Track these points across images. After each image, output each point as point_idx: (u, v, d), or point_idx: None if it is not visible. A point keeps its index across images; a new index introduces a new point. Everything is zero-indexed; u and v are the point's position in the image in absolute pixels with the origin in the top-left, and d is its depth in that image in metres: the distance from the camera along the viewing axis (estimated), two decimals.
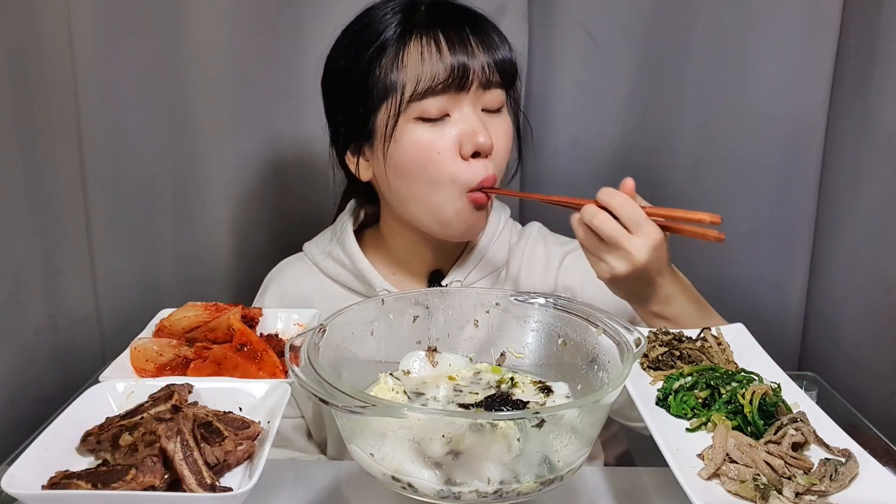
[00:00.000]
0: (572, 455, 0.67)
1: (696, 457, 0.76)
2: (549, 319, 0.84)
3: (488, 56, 1.00)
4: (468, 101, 1.00)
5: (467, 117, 1.00)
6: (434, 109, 0.99)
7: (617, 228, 0.92)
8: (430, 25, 1.00)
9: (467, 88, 0.99)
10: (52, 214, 1.22)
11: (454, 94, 0.99)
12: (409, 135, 1.00)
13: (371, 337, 0.83)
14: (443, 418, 0.66)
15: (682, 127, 1.34)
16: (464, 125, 1.00)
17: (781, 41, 1.26)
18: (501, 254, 1.16)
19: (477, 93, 1.00)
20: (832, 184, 1.30)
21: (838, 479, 0.71)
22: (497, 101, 1.03)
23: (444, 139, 1.00)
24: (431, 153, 1.00)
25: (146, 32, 1.23)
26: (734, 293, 1.38)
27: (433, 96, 0.98)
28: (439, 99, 0.99)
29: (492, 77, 1.00)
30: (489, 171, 1.01)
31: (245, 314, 0.97)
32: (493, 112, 1.03)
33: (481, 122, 1.00)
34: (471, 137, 0.99)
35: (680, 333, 0.97)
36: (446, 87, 0.98)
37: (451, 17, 1.02)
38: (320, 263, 1.15)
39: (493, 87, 1.01)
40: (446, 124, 1.00)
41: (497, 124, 1.03)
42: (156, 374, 0.87)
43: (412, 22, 1.01)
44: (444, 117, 1.00)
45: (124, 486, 0.67)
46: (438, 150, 1.00)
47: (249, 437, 0.76)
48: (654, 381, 0.90)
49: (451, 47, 0.98)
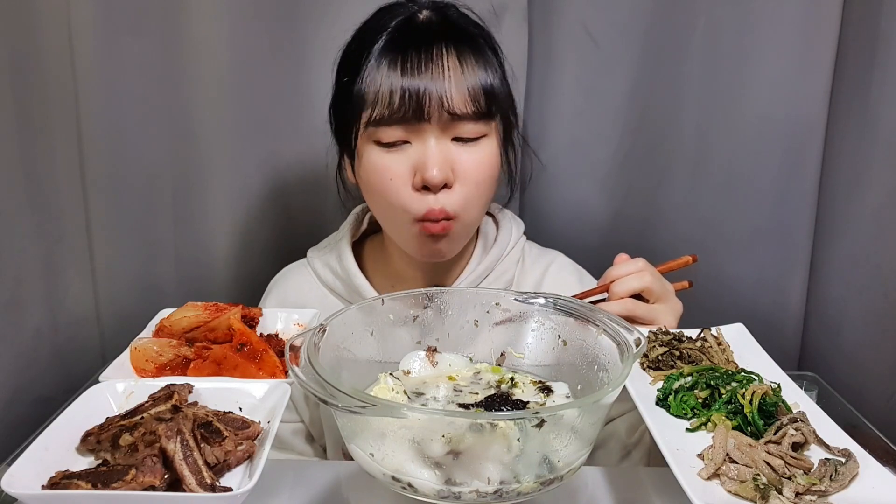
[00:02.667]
0: (572, 455, 0.67)
1: (696, 457, 0.76)
2: (549, 319, 0.84)
3: (460, 84, 0.95)
4: (433, 131, 0.96)
5: (426, 148, 0.96)
6: (390, 137, 0.97)
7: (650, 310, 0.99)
8: (405, 45, 0.96)
9: (426, 119, 0.95)
10: (52, 214, 1.22)
11: (414, 123, 0.95)
12: (367, 156, 0.99)
13: (371, 337, 0.83)
14: (443, 418, 0.66)
15: (682, 127, 1.34)
16: (419, 156, 0.96)
17: (781, 41, 1.26)
18: (507, 274, 1.14)
19: (447, 123, 0.96)
20: (832, 184, 1.30)
21: (838, 480, 0.71)
22: (472, 132, 0.98)
23: (397, 166, 0.97)
24: (384, 179, 0.98)
25: (146, 32, 1.23)
26: (734, 293, 1.38)
27: (388, 125, 0.96)
28: (396, 128, 0.96)
29: (461, 108, 0.96)
30: (438, 204, 0.97)
31: (245, 314, 0.97)
32: (467, 141, 0.98)
33: (441, 154, 0.96)
34: (420, 170, 0.96)
35: (680, 333, 0.98)
36: (402, 117, 0.95)
37: (432, 36, 0.97)
38: (319, 272, 1.15)
39: (466, 119, 0.97)
40: (403, 151, 0.98)
41: (469, 155, 0.98)
42: (156, 374, 0.87)
43: (393, 38, 0.97)
44: (402, 143, 0.97)
45: (124, 486, 0.67)
46: (391, 177, 0.98)
47: (249, 437, 0.76)
48: (655, 381, 0.90)
49: (412, 73, 0.94)
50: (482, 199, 1.03)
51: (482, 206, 1.04)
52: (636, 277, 0.98)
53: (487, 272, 1.12)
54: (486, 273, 1.12)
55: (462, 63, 0.97)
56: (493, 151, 1.02)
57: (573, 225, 1.40)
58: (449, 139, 0.98)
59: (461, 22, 1.03)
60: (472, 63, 0.98)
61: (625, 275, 0.98)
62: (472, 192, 1.00)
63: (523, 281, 1.15)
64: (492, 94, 0.99)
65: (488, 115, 0.99)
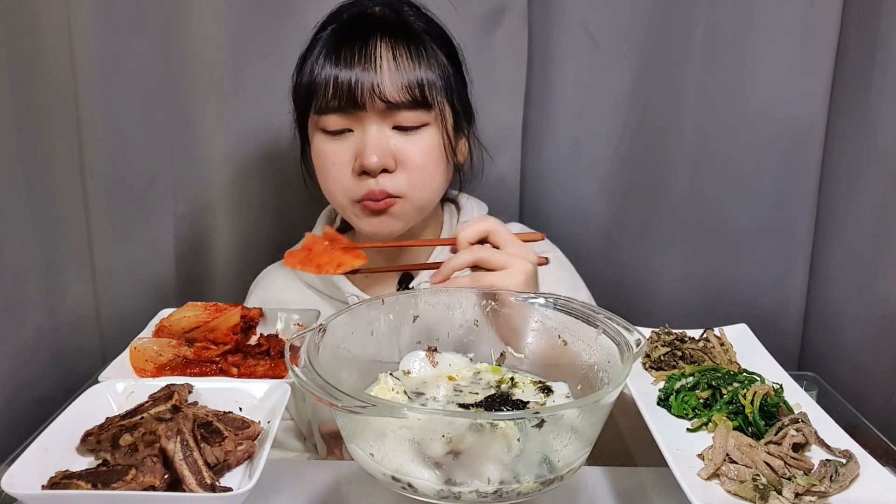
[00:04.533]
0: (572, 455, 0.67)
1: (697, 457, 0.76)
2: (549, 319, 0.84)
3: (394, 76, 1.00)
4: (373, 119, 1.01)
5: (366, 135, 1.01)
6: (332, 125, 1.03)
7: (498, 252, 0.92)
8: (344, 38, 1.02)
9: (363, 108, 1.00)
10: (52, 214, 1.22)
11: (352, 112, 1.01)
12: (315, 143, 1.06)
13: (371, 337, 0.83)
14: (443, 418, 0.66)
15: (682, 127, 1.34)
16: (359, 143, 1.02)
17: (781, 41, 1.26)
18: None
19: (383, 111, 1.01)
20: (832, 184, 1.30)
21: (838, 480, 0.71)
22: (411, 120, 1.02)
23: (340, 152, 1.03)
24: (328, 164, 1.04)
25: (146, 32, 1.23)
26: (734, 293, 1.38)
27: (329, 113, 1.02)
28: (337, 116, 1.02)
29: (395, 97, 1.00)
30: (379, 186, 1.02)
31: (245, 314, 0.97)
32: (408, 130, 1.03)
33: (379, 142, 1.01)
34: (360, 156, 1.01)
35: (682, 334, 0.98)
36: (339, 106, 1.00)
37: (371, 30, 1.02)
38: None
39: (402, 108, 1.01)
40: (346, 139, 1.03)
41: (408, 143, 1.02)
42: (155, 374, 0.87)
43: (335, 32, 1.04)
44: (346, 131, 1.03)
45: (124, 486, 0.67)
46: (333, 162, 1.04)
47: (249, 437, 0.76)
48: (656, 381, 0.90)
49: (345, 64, 1.00)
50: (430, 184, 1.06)
51: (432, 190, 1.07)
52: (479, 221, 0.95)
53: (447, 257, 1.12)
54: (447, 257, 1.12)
55: (397, 55, 1.01)
56: (435, 139, 1.05)
57: (573, 225, 1.40)
58: (389, 127, 1.02)
59: (407, 17, 1.07)
60: (408, 55, 1.02)
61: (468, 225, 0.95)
62: (416, 177, 1.04)
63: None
64: (429, 85, 1.03)
65: (425, 104, 1.03)
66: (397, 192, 1.03)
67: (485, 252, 0.92)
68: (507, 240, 0.93)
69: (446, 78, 1.06)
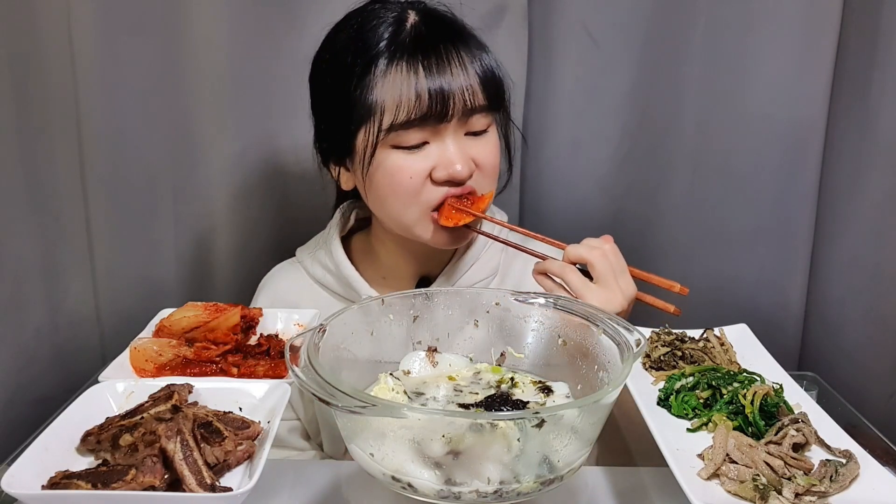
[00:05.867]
0: (572, 455, 0.67)
1: (697, 457, 0.76)
2: (549, 319, 0.84)
3: (471, 79, 0.98)
4: (450, 131, 0.99)
5: (446, 147, 0.99)
6: (412, 140, 0.98)
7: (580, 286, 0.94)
8: (415, 48, 0.97)
9: (449, 118, 0.97)
10: (52, 214, 1.22)
11: (436, 124, 0.98)
12: (385, 160, 1.00)
13: (371, 337, 0.82)
14: (443, 418, 0.66)
15: (682, 127, 1.34)
16: (441, 155, 0.99)
17: (781, 41, 1.26)
18: (492, 262, 1.14)
19: (460, 120, 0.99)
20: (832, 184, 1.30)
21: (838, 480, 0.71)
22: (482, 125, 1.01)
23: (418, 164, 0.99)
24: (405, 178, 0.99)
25: (146, 32, 1.23)
26: (734, 293, 1.38)
27: (411, 128, 0.97)
28: (418, 130, 0.98)
29: (475, 102, 0.99)
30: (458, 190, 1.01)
31: (245, 314, 0.97)
32: (478, 134, 1.02)
33: (460, 150, 0.99)
34: (446, 167, 0.99)
35: (682, 334, 0.98)
36: (424, 119, 0.97)
37: (436, 37, 0.99)
38: (309, 268, 1.16)
39: (477, 112, 1.00)
40: (423, 151, 0.99)
41: (481, 146, 1.02)
42: (155, 374, 0.87)
43: (397, 42, 0.98)
44: (422, 145, 0.99)
45: (124, 486, 0.67)
46: (411, 176, 0.99)
47: (249, 437, 0.76)
48: (657, 381, 0.90)
49: (431, 75, 0.96)
50: (493, 188, 1.06)
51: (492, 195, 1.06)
52: (588, 248, 0.95)
53: (473, 261, 1.13)
54: (473, 262, 1.13)
55: (468, 57, 1.00)
56: (497, 140, 1.06)
57: (573, 225, 1.40)
58: (463, 134, 1.01)
59: (449, 19, 1.05)
60: (475, 55, 1.01)
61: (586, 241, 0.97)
62: (490, 179, 1.04)
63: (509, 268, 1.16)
64: (496, 84, 1.02)
65: (497, 104, 1.03)
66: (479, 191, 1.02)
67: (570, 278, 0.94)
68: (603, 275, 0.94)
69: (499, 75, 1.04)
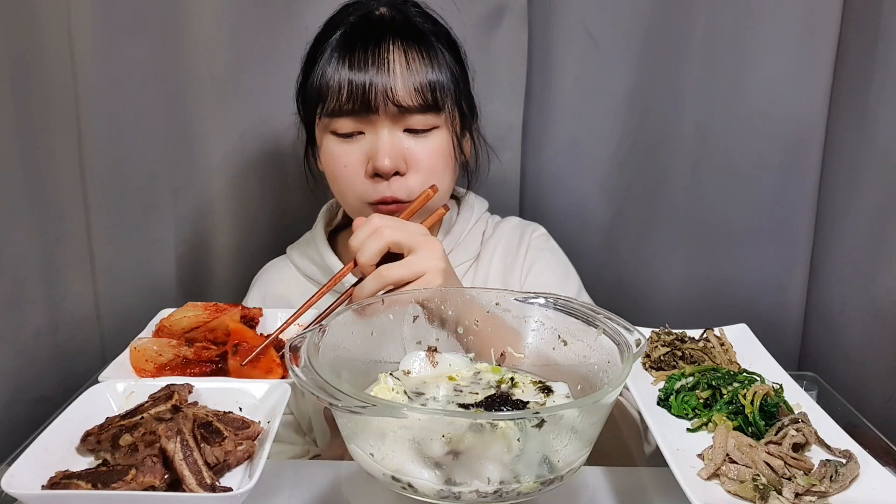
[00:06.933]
0: (572, 455, 0.67)
1: (697, 457, 0.76)
2: (549, 319, 0.84)
3: (409, 79, 1.00)
4: (385, 122, 1.01)
5: (378, 138, 1.01)
6: (343, 128, 1.02)
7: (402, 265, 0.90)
8: (355, 40, 1.01)
9: (375, 111, 1.00)
10: (52, 214, 1.22)
11: (364, 115, 1.00)
12: (325, 145, 1.06)
13: (371, 337, 0.83)
14: (443, 418, 0.66)
15: (682, 127, 1.34)
16: (371, 146, 1.02)
17: (781, 41, 1.26)
18: (472, 246, 1.17)
19: (395, 115, 1.01)
20: (832, 184, 1.30)
21: (838, 481, 0.71)
22: (423, 124, 1.02)
23: (351, 155, 1.03)
24: (339, 166, 1.04)
25: (145, 32, 1.23)
26: (734, 293, 1.38)
27: (341, 116, 1.01)
28: (349, 119, 1.01)
29: (407, 101, 1.00)
30: (390, 192, 1.02)
31: (245, 314, 0.97)
32: (419, 132, 1.03)
33: (392, 145, 1.01)
34: (373, 159, 1.01)
35: (682, 334, 0.98)
36: (351, 109, 1.00)
37: (382, 33, 1.02)
38: (298, 264, 1.18)
39: (415, 112, 1.01)
40: (357, 141, 1.03)
41: (420, 145, 1.03)
42: (155, 374, 0.87)
43: (346, 34, 1.03)
44: (357, 134, 1.03)
45: (124, 486, 0.67)
46: (345, 164, 1.03)
47: (249, 437, 0.76)
48: (656, 381, 0.90)
49: (355, 69, 0.99)
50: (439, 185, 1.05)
51: (441, 192, 1.06)
52: (374, 239, 0.91)
53: (450, 249, 1.14)
54: (450, 250, 1.14)
55: (409, 59, 1.01)
56: (445, 142, 1.05)
57: (573, 225, 1.40)
58: (401, 130, 1.02)
59: (414, 19, 1.06)
60: (419, 59, 1.02)
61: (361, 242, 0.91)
62: (427, 179, 1.04)
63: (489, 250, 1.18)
64: (440, 88, 1.03)
65: (436, 107, 1.03)
66: (408, 196, 1.03)
67: (392, 274, 0.89)
68: (408, 241, 0.91)
69: (454, 79, 1.06)
